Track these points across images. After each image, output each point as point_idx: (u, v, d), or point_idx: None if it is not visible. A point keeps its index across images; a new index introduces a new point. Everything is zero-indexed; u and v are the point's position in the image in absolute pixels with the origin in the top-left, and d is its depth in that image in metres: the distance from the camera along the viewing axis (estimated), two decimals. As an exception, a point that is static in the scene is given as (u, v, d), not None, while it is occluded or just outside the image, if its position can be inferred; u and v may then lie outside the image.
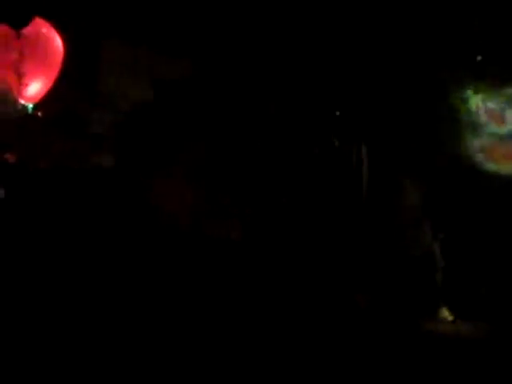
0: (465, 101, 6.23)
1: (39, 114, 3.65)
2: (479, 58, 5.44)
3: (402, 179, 6.39)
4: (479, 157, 6.10)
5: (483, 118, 6.15)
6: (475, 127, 6.11)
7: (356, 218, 6.14)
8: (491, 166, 6.05)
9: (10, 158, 3.73)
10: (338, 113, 6.07)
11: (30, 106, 3.59)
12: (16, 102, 3.49)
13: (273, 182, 5.66)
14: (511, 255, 5.12)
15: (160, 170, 4.40)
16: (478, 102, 6.17)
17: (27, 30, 3.32)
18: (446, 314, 5.37)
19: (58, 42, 3.50)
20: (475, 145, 6.07)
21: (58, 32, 3.51)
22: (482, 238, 5.67)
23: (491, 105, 6.12)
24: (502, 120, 5.97)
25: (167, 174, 4.46)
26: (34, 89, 3.59)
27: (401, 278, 5.84)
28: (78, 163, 3.89)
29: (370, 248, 5.89)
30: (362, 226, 6.10)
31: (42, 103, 3.69)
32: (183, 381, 3.51)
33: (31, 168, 3.70)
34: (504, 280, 5.20)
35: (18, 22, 3.33)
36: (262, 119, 5.54)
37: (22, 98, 3.49)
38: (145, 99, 4.36)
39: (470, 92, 6.16)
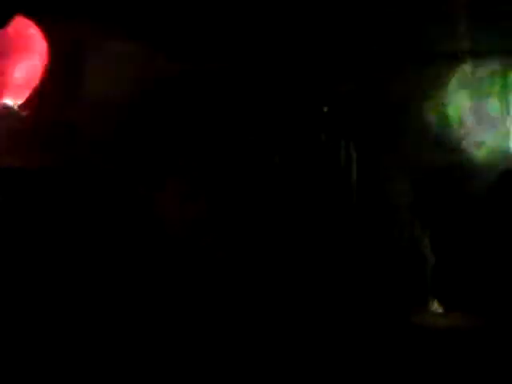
0: (451, 96, 6.26)
1: (23, 114, 3.62)
2: (460, 54, 5.47)
3: (392, 174, 6.42)
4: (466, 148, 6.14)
5: (469, 115, 6.19)
6: (463, 123, 6.15)
7: (345, 213, 6.16)
8: (478, 159, 6.09)
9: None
10: (325, 108, 6.09)
11: (15, 106, 3.56)
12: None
13: (261, 180, 5.65)
14: (500, 248, 5.16)
15: (153, 174, 4.39)
16: (464, 98, 6.20)
17: (9, 30, 3.29)
18: (435, 306, 5.40)
19: (41, 40, 3.47)
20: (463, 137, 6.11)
21: (41, 30, 3.47)
22: (471, 231, 5.71)
23: (478, 101, 6.16)
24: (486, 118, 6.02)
25: (160, 178, 4.45)
26: (18, 89, 3.56)
27: (391, 272, 5.87)
28: (66, 165, 3.86)
29: (359, 243, 5.91)
30: (351, 222, 6.12)
31: (26, 104, 3.65)
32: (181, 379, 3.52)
33: (16, 170, 3.66)
34: (493, 272, 5.24)
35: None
36: (254, 118, 5.53)
37: (6, 98, 3.45)
38: (133, 99, 4.33)
39: (456, 88, 6.19)
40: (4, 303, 3.29)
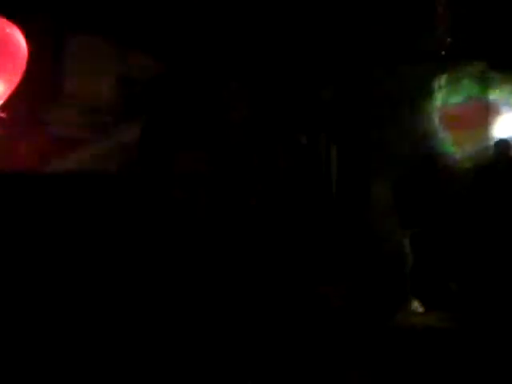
0: (428, 95, 6.33)
1: (3, 115, 3.55)
2: (443, 53, 5.52)
3: (371, 174, 6.46)
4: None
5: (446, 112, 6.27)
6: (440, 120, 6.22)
7: (326, 213, 6.18)
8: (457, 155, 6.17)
9: None
10: (306, 110, 6.11)
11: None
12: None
13: (242, 181, 5.65)
14: (480, 247, 5.22)
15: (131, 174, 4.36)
16: (441, 97, 6.27)
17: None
18: (415, 305, 5.45)
19: (20, 40, 3.40)
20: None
21: (20, 30, 3.41)
22: (450, 230, 5.77)
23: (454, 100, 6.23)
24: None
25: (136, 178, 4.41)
26: (-1, 90, 3.49)
27: (371, 272, 5.90)
28: (43, 167, 3.81)
29: (340, 243, 5.94)
30: (332, 222, 6.15)
31: (6, 104, 3.58)
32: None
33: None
34: (473, 272, 5.30)
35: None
36: (232, 117, 5.52)
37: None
38: (112, 99, 4.30)
39: (433, 86, 6.26)
40: (18, 300, 3.26)
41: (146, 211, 4.18)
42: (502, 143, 5.38)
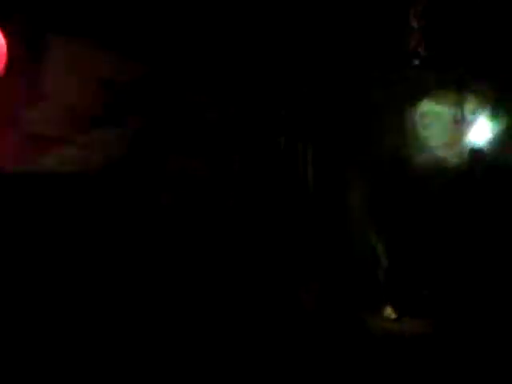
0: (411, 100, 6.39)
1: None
2: (416, 62, 5.58)
3: (347, 178, 6.50)
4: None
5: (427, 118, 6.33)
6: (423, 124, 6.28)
7: (301, 217, 6.21)
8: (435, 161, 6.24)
9: None
10: (283, 112, 6.12)
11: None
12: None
13: (219, 182, 5.65)
14: (455, 252, 5.28)
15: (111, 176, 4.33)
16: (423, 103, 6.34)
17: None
18: (389, 311, 5.51)
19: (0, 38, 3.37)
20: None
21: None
22: (425, 235, 5.84)
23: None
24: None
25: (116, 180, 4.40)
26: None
27: (345, 276, 5.95)
28: (22, 166, 3.77)
29: (314, 246, 5.97)
30: (307, 226, 6.18)
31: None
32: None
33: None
34: (447, 278, 5.37)
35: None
36: (211, 119, 5.51)
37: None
38: (92, 100, 4.26)
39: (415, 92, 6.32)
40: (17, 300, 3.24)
41: (124, 214, 4.18)
42: (477, 152, 5.45)
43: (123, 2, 4.35)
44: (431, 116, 6.27)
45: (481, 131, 6.03)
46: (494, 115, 6.02)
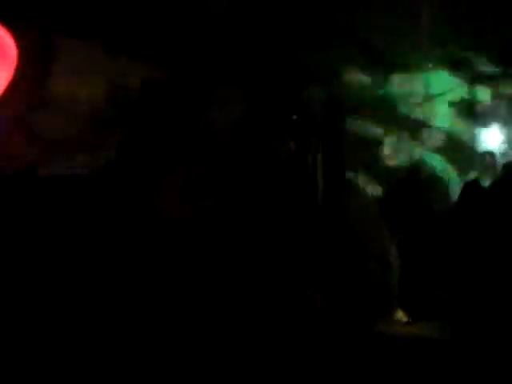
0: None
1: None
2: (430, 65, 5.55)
3: (358, 181, 6.48)
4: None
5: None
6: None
7: (312, 220, 6.18)
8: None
9: None
10: (294, 117, 6.12)
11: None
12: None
13: (230, 186, 5.65)
14: (467, 256, 5.23)
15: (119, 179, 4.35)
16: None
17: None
18: (400, 315, 5.45)
19: (10, 42, 3.39)
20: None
21: (9, 32, 3.39)
22: (438, 239, 5.79)
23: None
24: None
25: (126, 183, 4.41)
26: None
27: (356, 280, 5.90)
28: (29, 170, 3.78)
29: (326, 250, 5.94)
30: (317, 229, 6.15)
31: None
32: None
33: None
34: (459, 281, 5.31)
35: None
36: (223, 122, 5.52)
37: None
38: (100, 103, 4.28)
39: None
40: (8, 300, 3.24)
41: (133, 214, 4.17)
42: (488, 155, 5.41)
43: (133, 6, 4.37)
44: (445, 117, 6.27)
45: (492, 133, 6.00)
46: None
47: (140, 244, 4.20)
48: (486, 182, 5.40)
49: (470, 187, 5.34)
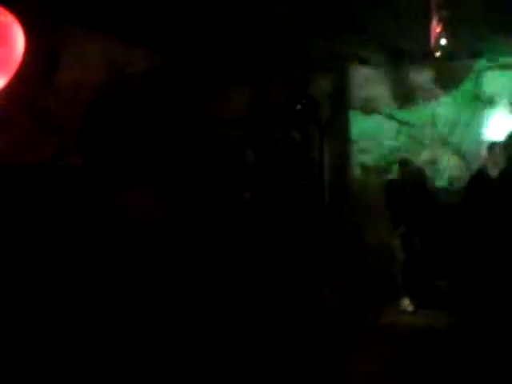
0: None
1: None
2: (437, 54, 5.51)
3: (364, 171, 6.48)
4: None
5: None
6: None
7: (318, 211, 6.19)
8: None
9: None
10: (299, 106, 6.11)
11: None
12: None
13: (234, 175, 5.64)
14: (471, 246, 5.22)
15: (127, 169, 4.34)
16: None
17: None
18: (406, 304, 5.46)
19: (17, 29, 3.36)
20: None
21: (17, 19, 3.37)
22: (443, 229, 5.80)
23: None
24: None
25: (135, 172, 4.40)
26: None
27: (362, 270, 5.92)
28: (39, 159, 3.78)
29: (332, 241, 5.95)
30: (324, 219, 6.16)
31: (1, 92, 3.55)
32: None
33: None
34: (464, 270, 5.31)
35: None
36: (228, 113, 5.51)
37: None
38: (109, 91, 4.28)
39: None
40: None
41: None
42: (495, 146, 5.37)
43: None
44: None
45: (499, 124, 5.99)
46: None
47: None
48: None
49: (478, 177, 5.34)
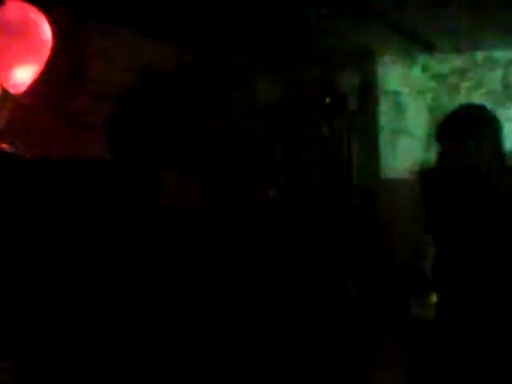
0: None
1: (25, 102, 3.58)
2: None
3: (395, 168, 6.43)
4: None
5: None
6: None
7: (347, 206, 6.17)
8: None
9: (4, 147, 3.65)
10: (327, 100, 6.10)
11: (14, 93, 3.50)
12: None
13: (264, 171, 5.66)
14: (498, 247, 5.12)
15: (156, 163, 4.36)
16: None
17: (8, 14, 3.22)
18: (434, 299, 5.39)
19: (45, 26, 3.42)
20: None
21: (44, 15, 3.43)
22: (472, 225, 5.69)
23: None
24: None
25: (164, 166, 4.42)
26: (21, 76, 3.51)
27: (390, 265, 5.88)
28: (68, 154, 3.84)
29: (360, 236, 5.92)
30: (352, 215, 6.13)
31: (28, 91, 3.63)
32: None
33: (25, 158, 3.62)
34: (493, 267, 5.21)
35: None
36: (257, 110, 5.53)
37: (7, 85, 3.40)
38: (136, 87, 4.32)
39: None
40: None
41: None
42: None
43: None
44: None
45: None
46: None
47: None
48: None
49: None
